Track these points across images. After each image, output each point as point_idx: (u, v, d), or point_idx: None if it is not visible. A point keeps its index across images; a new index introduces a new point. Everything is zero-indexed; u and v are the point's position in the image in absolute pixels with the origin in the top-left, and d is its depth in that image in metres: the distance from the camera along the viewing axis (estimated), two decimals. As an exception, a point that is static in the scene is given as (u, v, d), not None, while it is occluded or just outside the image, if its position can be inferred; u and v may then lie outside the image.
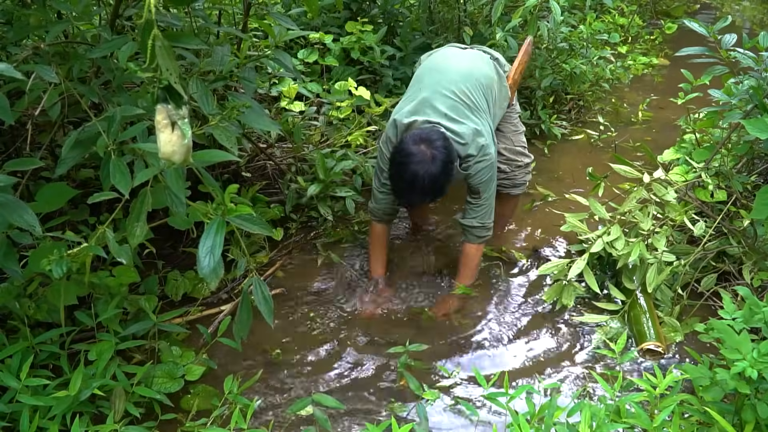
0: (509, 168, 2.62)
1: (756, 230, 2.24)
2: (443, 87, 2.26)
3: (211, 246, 1.42)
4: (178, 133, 1.16)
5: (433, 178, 2.06)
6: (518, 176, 2.66)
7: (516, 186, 2.69)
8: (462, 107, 2.24)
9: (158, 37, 1.02)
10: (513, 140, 2.61)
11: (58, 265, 1.45)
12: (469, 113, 2.24)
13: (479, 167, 2.23)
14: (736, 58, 2.29)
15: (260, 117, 1.94)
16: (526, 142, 2.70)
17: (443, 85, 2.27)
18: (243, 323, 1.67)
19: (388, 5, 3.59)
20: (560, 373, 2.13)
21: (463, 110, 2.23)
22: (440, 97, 2.24)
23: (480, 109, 2.29)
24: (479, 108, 2.29)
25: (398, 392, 2.05)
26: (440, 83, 2.28)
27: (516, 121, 2.65)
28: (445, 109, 2.21)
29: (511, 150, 2.61)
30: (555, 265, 2.38)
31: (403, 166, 2.07)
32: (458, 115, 2.21)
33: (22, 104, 1.88)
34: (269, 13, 2.23)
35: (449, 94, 2.24)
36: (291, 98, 2.95)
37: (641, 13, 5.99)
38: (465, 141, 2.18)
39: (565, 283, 2.35)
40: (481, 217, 2.36)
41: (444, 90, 2.25)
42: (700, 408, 1.59)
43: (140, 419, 1.80)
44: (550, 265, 2.39)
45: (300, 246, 2.76)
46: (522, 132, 2.69)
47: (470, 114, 2.24)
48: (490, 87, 2.36)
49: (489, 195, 2.34)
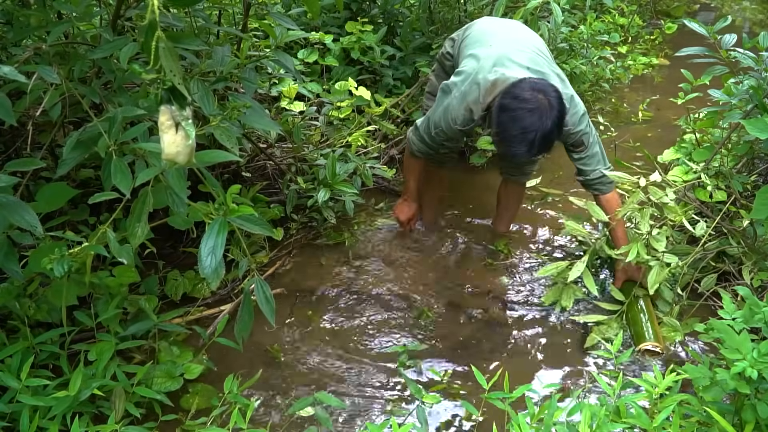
0: None
1: (756, 230, 2.25)
2: (515, 41, 2.19)
3: (213, 246, 1.42)
4: (182, 134, 1.16)
5: (546, 132, 1.97)
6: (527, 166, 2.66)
7: (525, 174, 2.69)
8: (540, 58, 2.18)
9: (162, 38, 1.02)
10: None
11: (59, 264, 1.45)
12: (548, 64, 2.19)
13: (577, 118, 2.16)
14: (736, 58, 2.29)
15: (261, 117, 1.94)
16: None
17: (515, 39, 2.20)
18: (244, 323, 1.67)
19: (388, 5, 3.59)
20: (560, 373, 2.14)
21: (542, 61, 2.18)
22: (517, 53, 2.16)
23: (552, 60, 2.24)
24: (552, 60, 2.24)
25: (398, 392, 2.05)
26: (510, 39, 2.21)
27: None
28: (527, 62, 2.14)
29: None
30: (554, 267, 2.37)
31: (518, 112, 1.96)
32: (539, 66, 2.15)
33: (22, 104, 1.88)
34: (269, 13, 2.23)
35: (524, 48, 2.18)
36: (291, 98, 2.95)
37: (641, 13, 5.99)
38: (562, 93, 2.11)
39: (565, 286, 2.35)
40: (600, 163, 2.26)
41: (517, 44, 2.18)
42: (700, 408, 1.60)
43: (141, 419, 1.80)
44: (550, 268, 2.38)
45: (300, 246, 2.76)
46: None
47: (549, 65, 2.19)
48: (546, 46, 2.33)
49: (594, 141, 2.25)
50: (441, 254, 2.75)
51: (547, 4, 2.98)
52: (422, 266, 2.67)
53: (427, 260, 2.70)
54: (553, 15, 2.97)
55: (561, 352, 2.23)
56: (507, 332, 2.33)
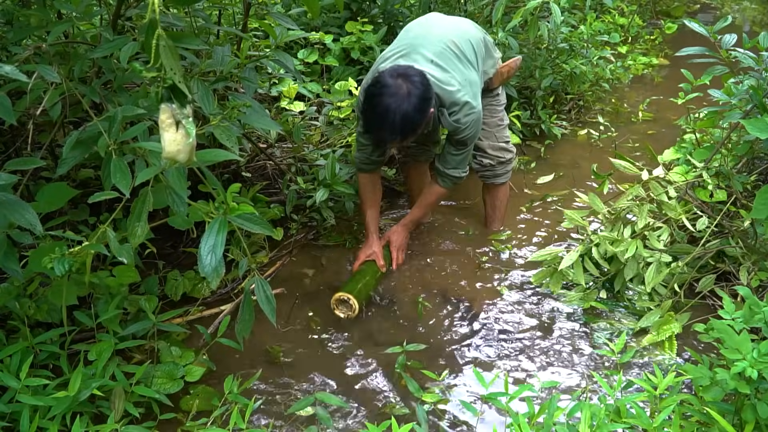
0: (492, 163, 2.63)
1: (756, 230, 2.25)
2: (432, 36, 2.22)
3: (212, 245, 1.42)
4: (182, 133, 1.16)
5: (405, 114, 1.98)
6: (499, 169, 2.69)
7: (498, 176, 2.71)
8: (450, 55, 2.20)
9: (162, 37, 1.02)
10: (497, 136, 2.62)
11: (60, 263, 1.44)
12: (458, 62, 2.20)
13: (468, 120, 2.19)
14: (736, 58, 2.29)
15: (261, 117, 1.94)
16: (509, 136, 2.72)
17: (432, 33, 2.23)
18: (245, 323, 1.67)
19: (388, 5, 3.59)
20: (560, 373, 2.13)
21: (450, 58, 2.19)
22: (428, 45, 2.19)
23: (468, 60, 2.25)
24: (468, 60, 2.25)
25: (398, 392, 2.05)
26: (429, 33, 2.24)
27: (501, 114, 2.65)
28: (432, 56, 2.16)
29: (495, 147, 2.62)
30: (548, 252, 2.42)
31: (376, 98, 2.00)
32: (446, 62, 2.17)
33: (23, 104, 1.88)
34: (269, 13, 2.23)
35: (437, 42, 2.20)
36: (291, 98, 2.95)
37: (641, 13, 5.99)
38: (453, 88, 2.14)
39: (555, 271, 2.38)
40: (461, 163, 2.36)
41: (432, 38, 2.21)
42: (700, 408, 1.60)
43: (140, 419, 1.80)
44: (543, 252, 2.42)
45: (300, 246, 2.76)
46: (506, 126, 2.70)
47: (458, 63, 2.20)
48: (478, 44, 2.33)
49: (471, 146, 2.35)
50: (439, 254, 2.75)
51: (547, 4, 2.98)
52: (421, 266, 2.67)
53: (425, 260, 2.70)
54: (552, 15, 2.98)
55: (561, 352, 2.22)
56: (506, 332, 2.33)
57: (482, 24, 3.67)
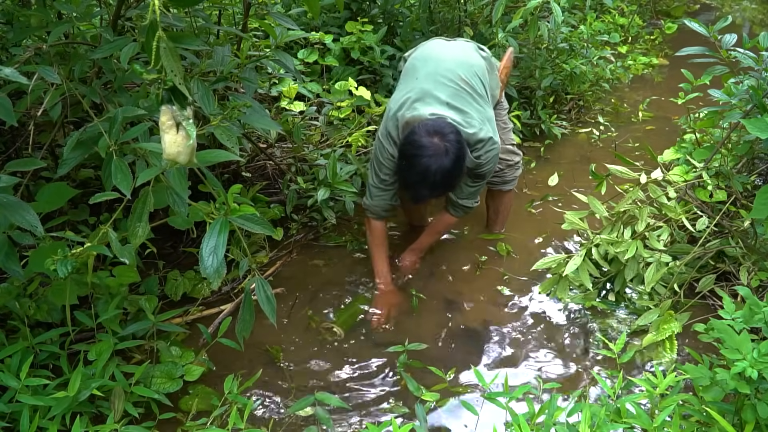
0: (501, 167, 2.63)
1: (756, 230, 2.25)
2: (441, 75, 2.23)
3: (214, 246, 1.42)
4: (183, 134, 1.16)
5: (446, 171, 2.03)
6: (508, 174, 2.69)
7: (506, 183, 2.71)
8: (464, 95, 2.22)
9: (163, 39, 1.02)
10: (503, 139, 2.62)
11: (63, 264, 1.45)
12: (471, 100, 2.23)
13: (489, 156, 2.23)
14: (736, 58, 2.29)
15: (261, 117, 1.94)
16: (514, 139, 2.72)
17: (440, 73, 2.24)
18: (245, 323, 1.67)
19: (388, 5, 3.58)
20: (560, 373, 2.14)
21: (464, 98, 2.21)
22: (440, 87, 2.21)
23: (479, 95, 2.27)
24: (479, 94, 2.27)
25: (398, 392, 2.05)
26: (437, 72, 2.25)
27: (505, 119, 2.66)
28: (447, 98, 2.18)
29: (503, 150, 2.62)
30: (552, 260, 2.41)
31: (416, 159, 2.03)
32: (461, 103, 2.19)
33: (23, 104, 1.88)
34: (269, 13, 2.23)
35: (448, 83, 2.22)
36: (291, 98, 2.95)
37: (641, 13, 5.99)
38: (474, 129, 2.16)
39: (561, 278, 2.37)
40: (474, 194, 2.40)
41: (442, 79, 2.22)
42: (700, 408, 1.60)
43: (139, 419, 1.80)
44: (548, 260, 2.41)
45: (300, 246, 2.76)
46: (510, 129, 2.71)
47: (472, 101, 2.23)
48: (483, 73, 2.35)
49: (487, 179, 2.39)
50: (440, 254, 2.75)
51: (547, 4, 2.98)
52: (421, 266, 2.67)
53: (426, 260, 2.70)
54: (553, 15, 2.98)
55: (561, 352, 2.23)
56: (506, 332, 2.33)
57: (482, 24, 3.68)
